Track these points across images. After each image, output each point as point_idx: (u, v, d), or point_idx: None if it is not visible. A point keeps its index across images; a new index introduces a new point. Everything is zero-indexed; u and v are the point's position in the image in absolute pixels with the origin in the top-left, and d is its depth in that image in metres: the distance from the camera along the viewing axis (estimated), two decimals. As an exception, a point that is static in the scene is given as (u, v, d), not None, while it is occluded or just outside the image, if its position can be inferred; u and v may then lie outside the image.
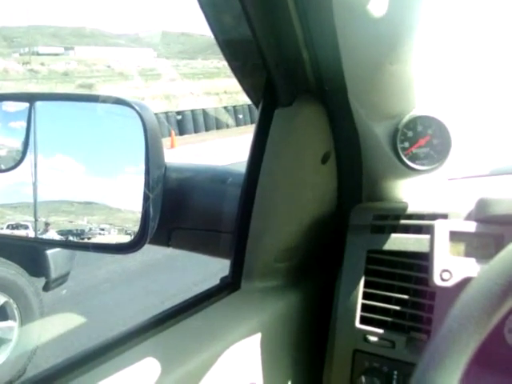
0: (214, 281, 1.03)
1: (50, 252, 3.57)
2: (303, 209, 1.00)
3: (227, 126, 14.69)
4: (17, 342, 3.39)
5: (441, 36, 0.88)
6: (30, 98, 0.98)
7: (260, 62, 0.87)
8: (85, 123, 1.00)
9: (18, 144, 0.99)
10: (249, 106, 14.52)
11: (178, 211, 1.02)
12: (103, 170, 0.97)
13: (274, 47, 0.85)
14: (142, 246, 0.91)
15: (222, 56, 0.91)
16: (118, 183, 0.95)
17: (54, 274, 3.64)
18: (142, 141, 0.89)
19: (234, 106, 15.23)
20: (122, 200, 0.96)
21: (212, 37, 0.88)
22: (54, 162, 0.97)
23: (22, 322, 3.43)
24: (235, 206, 0.99)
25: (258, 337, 0.90)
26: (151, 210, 0.89)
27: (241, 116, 14.68)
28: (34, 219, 0.97)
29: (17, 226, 1.00)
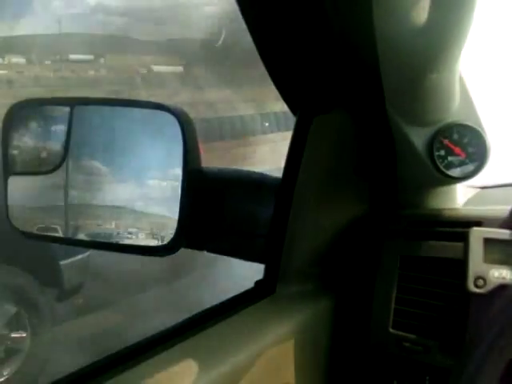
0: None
1: (63, 262, 3.53)
2: (338, 214, 1.01)
3: (253, 134, 14.64)
4: (28, 352, 3.33)
5: (478, 43, 0.88)
6: (71, 103, 1.01)
7: (299, 69, 0.88)
8: (122, 128, 1.01)
9: (57, 147, 1.01)
10: (275, 113, 14.51)
11: (214, 215, 1.03)
12: (135, 174, 0.98)
13: (313, 54, 0.86)
14: (179, 248, 0.93)
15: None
16: (151, 187, 0.96)
17: (67, 285, 3.60)
18: (178, 146, 0.90)
19: (261, 114, 15.16)
20: (153, 205, 0.97)
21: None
22: (85, 165, 0.99)
23: (34, 333, 3.38)
24: (270, 210, 1.00)
25: (292, 340, 0.91)
26: (187, 213, 0.91)
27: (267, 124, 14.65)
28: (63, 222, 0.99)
29: (46, 229, 1.02)
